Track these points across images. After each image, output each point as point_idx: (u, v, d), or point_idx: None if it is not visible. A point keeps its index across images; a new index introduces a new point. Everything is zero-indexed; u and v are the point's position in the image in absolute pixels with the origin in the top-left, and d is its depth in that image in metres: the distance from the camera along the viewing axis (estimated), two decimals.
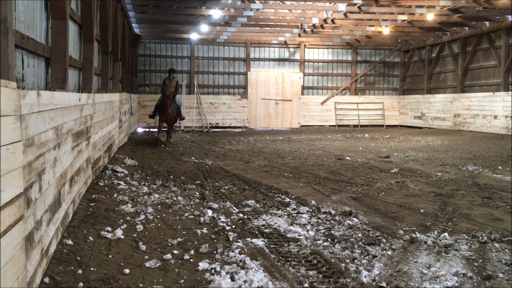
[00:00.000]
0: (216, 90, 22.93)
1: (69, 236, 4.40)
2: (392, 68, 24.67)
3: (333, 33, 20.67)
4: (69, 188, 4.75)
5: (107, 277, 3.54)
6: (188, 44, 22.42)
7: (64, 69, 5.79)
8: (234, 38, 22.05)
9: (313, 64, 23.77)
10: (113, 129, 9.93)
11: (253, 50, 23.18)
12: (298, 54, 23.50)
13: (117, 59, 12.17)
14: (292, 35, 20.96)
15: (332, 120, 23.59)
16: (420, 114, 22.54)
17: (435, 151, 12.25)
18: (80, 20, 7.60)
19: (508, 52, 17.45)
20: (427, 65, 22.49)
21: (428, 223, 5.19)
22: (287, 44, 23.23)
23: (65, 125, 4.51)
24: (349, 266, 3.82)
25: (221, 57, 22.89)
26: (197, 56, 22.60)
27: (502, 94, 17.29)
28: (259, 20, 18.00)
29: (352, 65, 23.81)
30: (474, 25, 18.48)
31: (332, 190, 7.05)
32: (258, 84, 23.06)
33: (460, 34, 19.73)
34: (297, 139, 16.43)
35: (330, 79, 23.89)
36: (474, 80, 19.58)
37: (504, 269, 3.79)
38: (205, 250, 4.19)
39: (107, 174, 7.79)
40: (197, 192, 6.88)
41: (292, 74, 23.36)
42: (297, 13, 17.29)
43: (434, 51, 22.09)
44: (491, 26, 17.92)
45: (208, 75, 22.82)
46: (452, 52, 20.65)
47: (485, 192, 6.87)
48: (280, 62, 23.49)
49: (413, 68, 24.02)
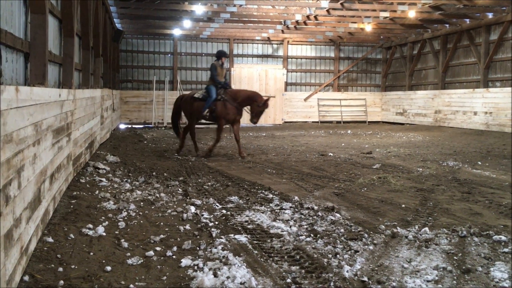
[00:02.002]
0: (199, 86, 22.81)
1: (49, 234, 4.34)
2: (375, 64, 24.87)
3: (316, 29, 20.74)
4: (49, 185, 4.69)
5: (88, 275, 3.50)
6: (171, 39, 22.27)
7: (44, 64, 5.70)
8: (217, 34, 21.97)
9: (296, 60, 23.83)
10: (94, 125, 9.82)
11: (236, 46, 23.14)
12: (281, 51, 23.52)
13: (98, 54, 12.02)
14: (275, 31, 20.97)
15: (315, 117, 23.70)
16: (402, 110, 22.78)
17: (417, 147, 12.40)
18: (60, 14, 7.48)
19: (487, 49, 17.73)
20: (409, 62, 22.73)
21: (409, 218, 5.25)
22: (270, 41, 23.24)
23: (45, 121, 4.44)
24: (332, 261, 3.85)
25: (204, 53, 22.80)
26: (180, 52, 22.47)
27: (481, 90, 17.57)
28: (242, 16, 17.97)
29: (335, 62, 23.93)
30: (455, 23, 18.73)
31: (315, 186, 7.09)
32: (242, 80, 23.03)
33: (441, 31, 19.97)
34: (281, 135, 16.46)
35: (313, 75, 23.99)
36: (455, 77, 19.85)
37: (483, 262, 3.86)
38: (188, 247, 4.18)
39: (88, 171, 7.70)
40: (180, 188, 6.84)
41: (276, 71, 23.38)
42: (280, 9, 17.31)
43: (416, 48, 22.32)
44: (471, 24, 18.18)
45: (191, 71, 22.71)
46: (433, 49, 20.90)
47: (465, 187, 6.97)
48: (264, 59, 23.50)
49: (395, 65, 24.25)
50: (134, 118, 21.71)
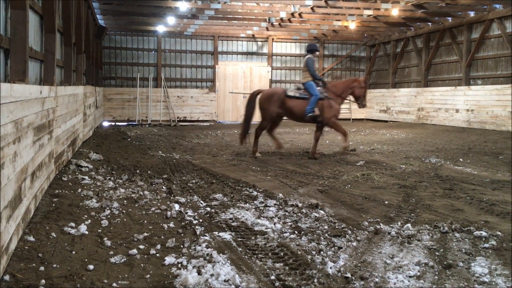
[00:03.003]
0: (183, 83, 22.72)
1: (30, 233, 4.29)
2: (359, 62, 25.02)
3: (300, 27, 20.78)
4: (30, 184, 4.62)
5: (71, 274, 3.47)
6: (155, 36, 22.11)
7: (24, 60, 5.61)
8: (201, 31, 21.87)
9: (281, 58, 23.85)
10: (77, 122, 9.70)
11: (221, 44, 23.06)
12: (266, 48, 23.53)
13: (80, 51, 11.88)
14: (260, 28, 20.96)
15: None
16: (386, 108, 22.98)
17: (400, 144, 12.52)
18: (41, 10, 7.36)
19: (469, 47, 17.96)
20: (392, 60, 22.92)
21: (392, 214, 5.30)
22: (255, 38, 23.22)
23: (26, 119, 4.37)
24: (315, 257, 3.87)
25: (189, 50, 22.68)
26: (164, 49, 22.32)
27: (463, 88, 17.80)
28: (226, 13, 17.92)
29: (319, 60, 24.01)
30: (437, 21, 18.94)
31: (299, 183, 7.11)
32: (226, 78, 22.99)
33: (423, 29, 20.18)
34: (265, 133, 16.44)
35: (298, 73, 24.03)
36: (437, 74, 20.08)
37: (464, 258, 3.92)
38: (172, 245, 4.16)
39: (71, 169, 7.61)
40: (164, 186, 6.81)
41: (260, 68, 23.38)
42: (265, 6, 17.29)
43: (399, 46, 22.52)
44: (453, 22, 18.40)
45: (176, 68, 22.58)
46: (416, 47, 21.10)
47: (447, 183, 7.06)
48: (248, 56, 23.47)
49: (378, 63, 24.43)
50: (118, 116, 21.51)
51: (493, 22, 16.73)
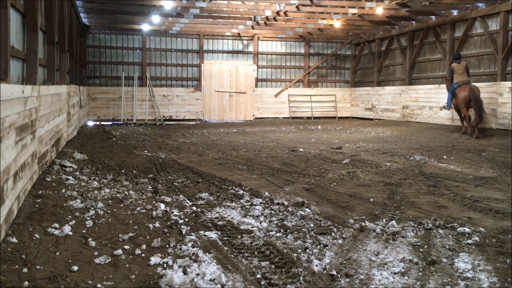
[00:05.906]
0: (169, 82, 22.60)
1: (13, 234, 4.23)
2: (344, 60, 25.14)
3: (286, 25, 20.81)
4: (13, 184, 4.56)
5: (54, 275, 3.43)
6: (140, 35, 21.95)
7: (6, 60, 5.53)
8: (187, 30, 21.77)
9: (266, 56, 23.86)
10: (61, 122, 9.59)
11: (206, 42, 22.98)
12: (251, 47, 23.51)
13: (64, 50, 11.74)
14: (246, 27, 20.93)
15: (286, 113, 23.80)
16: (371, 106, 23.13)
17: (385, 142, 12.62)
18: (23, 8, 7.26)
19: (452, 45, 18.15)
20: (377, 58, 23.07)
21: (377, 211, 5.34)
22: (240, 36, 23.18)
23: (7, 119, 4.31)
24: (301, 255, 3.88)
25: (174, 49, 22.56)
26: (149, 48, 22.17)
27: None
28: (212, 11, 17.85)
29: (305, 58, 24.08)
30: (421, 19, 19.11)
31: (285, 182, 7.13)
32: (212, 77, 22.92)
33: (408, 28, 20.34)
34: (251, 132, 16.47)
35: (283, 71, 24.07)
36: (421, 72, 20.26)
37: (448, 254, 3.96)
38: (157, 244, 4.14)
39: (54, 169, 7.53)
40: (150, 186, 6.77)
41: (246, 67, 23.36)
42: (250, 5, 17.26)
43: (384, 45, 22.67)
44: (437, 20, 18.58)
45: (161, 67, 22.45)
46: (401, 45, 21.27)
47: (431, 180, 7.14)
48: (234, 55, 23.43)
49: (363, 61, 24.58)
50: (103, 115, 21.32)
51: (475, 20, 16.93)
